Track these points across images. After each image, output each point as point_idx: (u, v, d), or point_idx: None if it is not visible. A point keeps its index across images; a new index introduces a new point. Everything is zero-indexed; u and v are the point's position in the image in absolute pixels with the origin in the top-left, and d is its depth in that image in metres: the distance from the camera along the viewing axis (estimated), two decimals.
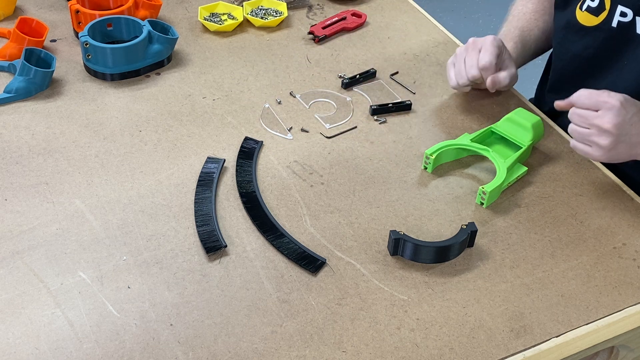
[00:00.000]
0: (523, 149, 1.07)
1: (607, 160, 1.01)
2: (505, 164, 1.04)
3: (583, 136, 1.00)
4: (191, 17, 1.40)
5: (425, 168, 1.07)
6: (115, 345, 0.81)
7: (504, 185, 1.03)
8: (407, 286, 0.90)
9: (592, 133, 0.98)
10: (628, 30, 1.10)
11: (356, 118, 1.18)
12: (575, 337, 0.86)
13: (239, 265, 0.91)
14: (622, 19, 1.10)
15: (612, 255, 0.96)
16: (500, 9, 1.38)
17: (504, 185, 1.03)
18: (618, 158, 1.00)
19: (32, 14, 1.37)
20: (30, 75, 1.15)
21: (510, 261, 0.95)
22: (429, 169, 1.07)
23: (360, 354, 0.82)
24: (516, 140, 1.09)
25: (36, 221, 0.96)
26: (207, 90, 1.21)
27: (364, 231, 0.97)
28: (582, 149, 1.01)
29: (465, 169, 1.09)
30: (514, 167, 1.06)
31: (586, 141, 1.00)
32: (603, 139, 0.98)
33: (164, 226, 0.96)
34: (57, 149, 1.07)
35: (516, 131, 1.09)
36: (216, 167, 1.05)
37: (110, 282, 0.88)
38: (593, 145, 0.99)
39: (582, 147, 1.01)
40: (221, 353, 0.81)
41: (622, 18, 1.10)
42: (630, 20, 1.09)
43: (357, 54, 1.33)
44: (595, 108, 0.98)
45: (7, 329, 0.82)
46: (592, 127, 0.98)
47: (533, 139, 1.09)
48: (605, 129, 0.97)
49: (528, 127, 1.09)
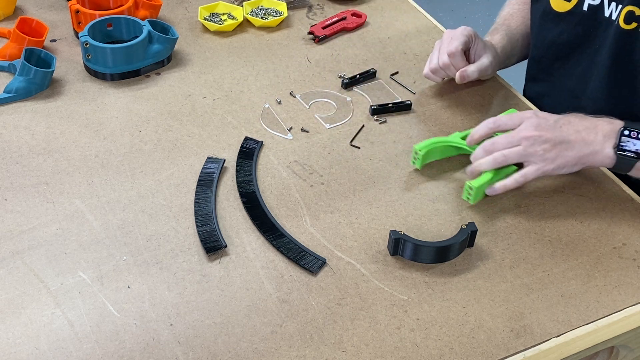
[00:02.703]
0: None
1: (560, 169, 0.99)
2: None
3: (519, 154, 0.98)
4: (191, 17, 1.40)
5: (414, 163, 1.08)
6: (115, 345, 0.81)
7: (492, 183, 1.03)
8: (407, 286, 0.90)
9: (526, 146, 0.98)
10: (597, 13, 1.12)
11: (356, 118, 1.18)
12: (575, 337, 0.86)
13: (239, 265, 0.92)
14: (592, 2, 1.12)
15: (612, 255, 0.96)
16: (500, 9, 1.39)
17: (492, 183, 1.02)
18: (567, 163, 0.98)
19: (32, 14, 1.37)
20: (30, 75, 1.15)
21: (510, 261, 0.95)
22: (417, 164, 1.07)
23: (360, 354, 0.82)
24: None
25: (36, 221, 0.96)
26: (207, 90, 1.21)
27: (364, 231, 0.97)
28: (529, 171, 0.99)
29: (465, 169, 1.09)
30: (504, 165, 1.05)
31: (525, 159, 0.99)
32: (537, 146, 0.97)
33: (164, 226, 0.96)
34: (57, 149, 1.07)
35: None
36: (216, 167, 1.05)
37: (110, 282, 0.88)
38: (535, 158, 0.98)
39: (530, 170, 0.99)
40: (221, 353, 0.81)
41: (592, 1, 1.12)
42: (599, 3, 1.11)
43: (357, 54, 1.33)
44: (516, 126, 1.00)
45: (7, 329, 0.82)
46: (522, 141, 0.98)
47: None
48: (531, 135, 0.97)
49: None
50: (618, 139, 0.98)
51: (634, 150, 0.97)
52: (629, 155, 0.97)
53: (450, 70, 1.18)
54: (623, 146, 0.97)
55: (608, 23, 1.11)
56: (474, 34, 1.19)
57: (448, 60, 1.17)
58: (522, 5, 1.33)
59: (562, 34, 1.19)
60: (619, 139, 0.98)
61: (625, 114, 1.14)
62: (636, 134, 0.98)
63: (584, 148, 0.98)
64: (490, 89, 1.26)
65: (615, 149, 0.98)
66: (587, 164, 0.99)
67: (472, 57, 1.20)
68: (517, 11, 1.33)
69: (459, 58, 1.17)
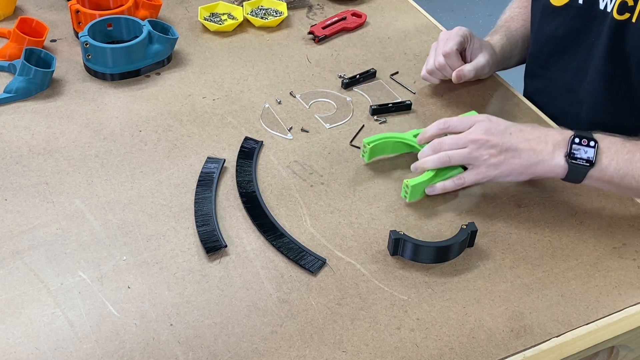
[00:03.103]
0: None
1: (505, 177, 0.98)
2: None
3: (464, 157, 0.98)
4: (191, 17, 1.40)
5: (363, 156, 1.07)
6: (115, 345, 0.81)
7: (433, 184, 1.02)
8: (407, 286, 0.90)
9: (472, 149, 0.97)
10: (592, 6, 1.12)
11: (356, 118, 1.18)
12: (575, 337, 0.86)
13: (239, 265, 0.92)
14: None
15: (612, 255, 0.96)
16: (500, 9, 1.39)
17: (433, 182, 1.01)
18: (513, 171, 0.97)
19: (32, 14, 1.37)
20: (30, 75, 1.15)
21: (510, 261, 0.95)
22: (366, 158, 1.07)
23: (360, 354, 0.82)
24: None
25: (36, 221, 0.96)
26: (207, 90, 1.21)
27: (364, 231, 0.97)
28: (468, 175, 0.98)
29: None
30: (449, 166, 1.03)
31: (470, 162, 0.98)
32: (483, 150, 0.96)
33: (164, 226, 0.96)
34: (57, 149, 1.07)
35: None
36: (216, 167, 1.05)
37: (110, 282, 0.88)
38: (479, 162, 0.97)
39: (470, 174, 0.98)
40: (221, 353, 0.81)
41: None
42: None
43: (357, 54, 1.33)
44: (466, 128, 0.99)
45: (7, 329, 0.82)
46: (469, 144, 0.97)
47: None
48: (478, 139, 0.96)
49: None
50: (569, 147, 0.95)
51: (585, 157, 0.95)
52: (580, 164, 0.95)
53: (447, 70, 1.18)
54: (574, 154, 0.95)
55: (604, 15, 1.11)
56: (469, 33, 1.19)
57: (444, 61, 1.17)
58: (522, 9, 1.33)
59: (558, 28, 1.19)
60: (570, 147, 0.95)
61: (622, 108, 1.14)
62: (587, 142, 0.95)
63: (531, 157, 0.96)
64: (490, 88, 1.26)
65: (566, 157, 0.95)
66: (536, 174, 0.97)
67: (468, 57, 1.20)
68: (518, 14, 1.33)
69: (454, 58, 1.17)
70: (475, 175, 0.98)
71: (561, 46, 1.20)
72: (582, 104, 1.19)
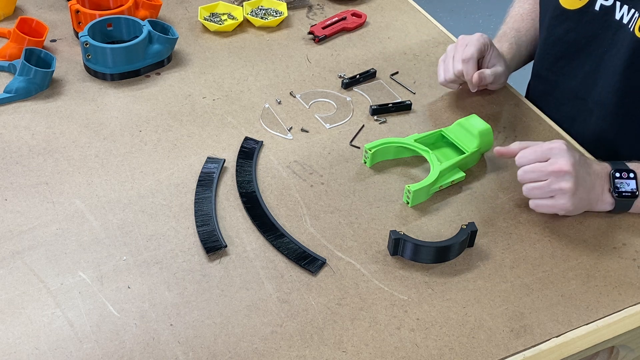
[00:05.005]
0: (465, 155, 1.06)
1: (573, 210, 0.97)
2: (440, 167, 1.03)
3: (543, 190, 0.96)
4: (191, 17, 1.40)
5: (365, 162, 1.08)
6: (115, 345, 0.81)
7: (435, 188, 1.02)
8: (407, 286, 0.90)
9: (552, 181, 0.95)
10: (608, 15, 1.11)
11: (356, 118, 1.18)
12: (575, 337, 0.86)
13: (239, 265, 0.92)
14: (604, 3, 1.10)
15: (612, 255, 0.96)
16: (500, 9, 1.39)
17: (434, 188, 1.02)
18: (580, 206, 0.98)
19: (32, 14, 1.37)
20: (30, 75, 1.15)
21: (510, 261, 0.95)
22: (368, 163, 1.07)
23: (360, 354, 0.82)
24: (461, 145, 1.08)
25: (36, 221, 0.96)
26: (207, 90, 1.21)
27: (364, 231, 0.97)
28: (545, 204, 0.97)
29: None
30: (451, 171, 1.04)
31: (547, 194, 0.96)
32: (565, 182, 0.95)
33: (164, 226, 0.96)
34: (57, 149, 1.07)
35: (464, 136, 1.08)
36: (216, 167, 1.05)
37: (110, 282, 0.88)
38: (556, 195, 0.96)
39: (545, 202, 0.97)
40: (221, 353, 0.81)
41: (605, 2, 1.10)
42: (611, 4, 1.10)
43: (357, 54, 1.33)
44: (544, 158, 0.96)
45: (7, 329, 0.82)
46: (550, 176, 0.95)
47: (479, 146, 1.07)
48: (565, 171, 0.94)
49: (475, 134, 1.06)
50: (612, 182, 0.98)
51: (629, 190, 0.98)
52: (626, 197, 0.98)
53: (463, 77, 1.16)
54: (619, 188, 0.98)
55: (618, 26, 1.09)
56: (489, 42, 1.17)
57: (462, 68, 1.15)
58: (533, 5, 1.30)
59: (569, 32, 1.17)
60: (612, 181, 0.98)
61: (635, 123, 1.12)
62: (626, 174, 0.99)
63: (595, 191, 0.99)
64: None
65: (610, 192, 0.98)
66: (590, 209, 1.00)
67: (485, 65, 1.18)
68: (528, 12, 1.30)
69: (471, 65, 1.14)
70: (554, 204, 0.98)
71: (570, 51, 1.18)
72: (591, 113, 1.17)
